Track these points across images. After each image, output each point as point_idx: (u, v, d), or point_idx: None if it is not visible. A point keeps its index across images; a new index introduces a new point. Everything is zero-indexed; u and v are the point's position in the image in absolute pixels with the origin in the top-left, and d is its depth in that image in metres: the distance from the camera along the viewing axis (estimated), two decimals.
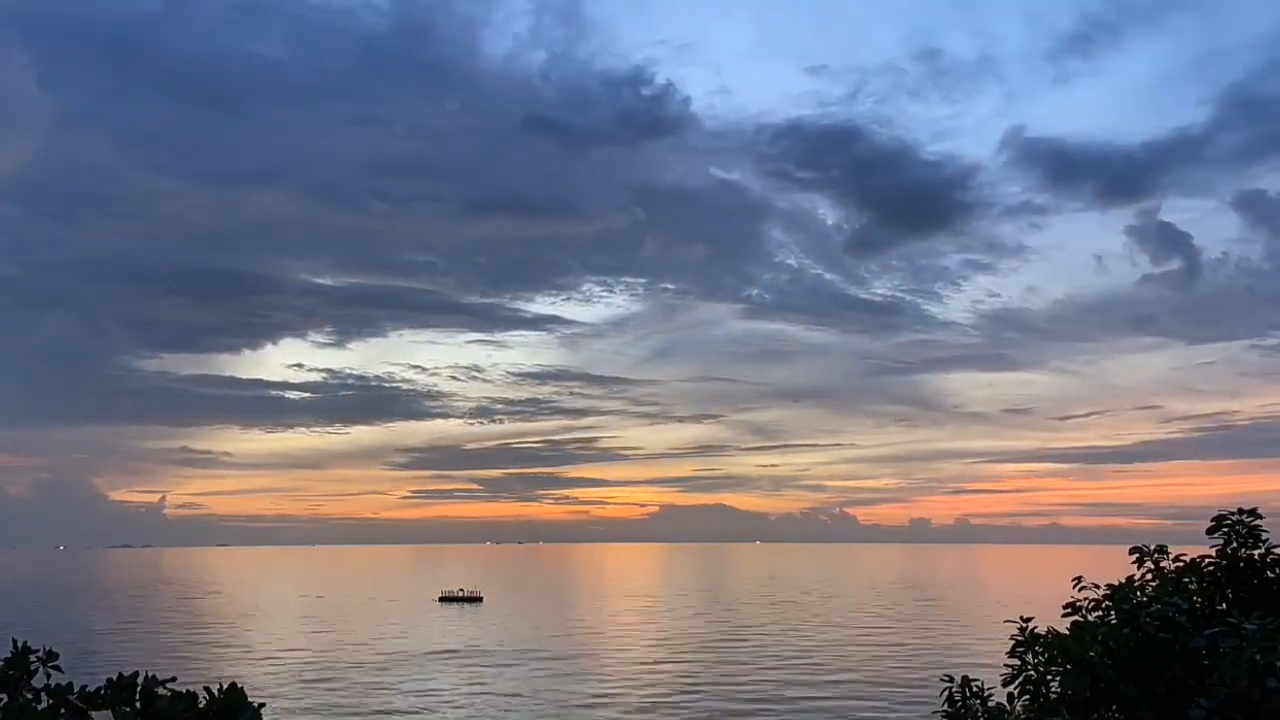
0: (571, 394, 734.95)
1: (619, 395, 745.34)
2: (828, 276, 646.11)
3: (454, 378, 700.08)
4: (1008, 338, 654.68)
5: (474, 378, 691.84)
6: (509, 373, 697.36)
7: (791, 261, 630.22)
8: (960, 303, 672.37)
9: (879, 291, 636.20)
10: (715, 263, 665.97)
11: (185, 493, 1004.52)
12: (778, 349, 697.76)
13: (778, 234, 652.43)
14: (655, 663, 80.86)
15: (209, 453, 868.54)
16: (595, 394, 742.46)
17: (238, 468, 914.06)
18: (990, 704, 9.86)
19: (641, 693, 65.81)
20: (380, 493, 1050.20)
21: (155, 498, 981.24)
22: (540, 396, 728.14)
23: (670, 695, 64.87)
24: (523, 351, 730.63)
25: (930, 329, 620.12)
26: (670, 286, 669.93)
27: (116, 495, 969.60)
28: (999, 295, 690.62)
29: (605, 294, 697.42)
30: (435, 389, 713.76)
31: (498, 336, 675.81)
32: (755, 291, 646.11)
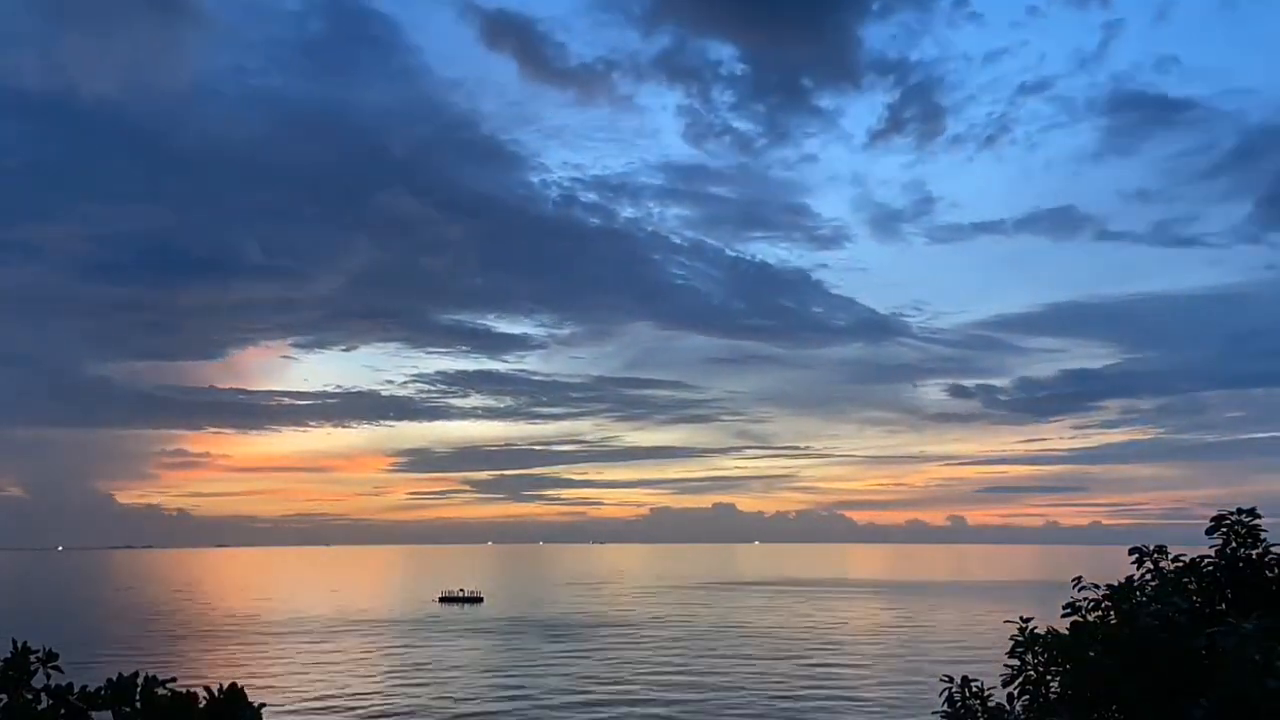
0: (558, 400, 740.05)
1: (605, 400, 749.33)
2: None
3: (431, 385, 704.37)
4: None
5: (456, 385, 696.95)
6: (491, 380, 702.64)
7: None
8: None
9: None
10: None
11: (184, 494, 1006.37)
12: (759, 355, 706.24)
13: None
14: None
15: (207, 454, 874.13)
16: (580, 399, 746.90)
17: (236, 470, 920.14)
18: (990, 704, 9.87)
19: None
20: (377, 494, 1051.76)
21: (154, 499, 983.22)
22: (526, 403, 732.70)
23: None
24: (499, 362, 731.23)
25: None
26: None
27: (116, 497, 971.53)
28: None
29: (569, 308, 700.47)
30: (422, 395, 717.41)
31: (470, 348, 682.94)
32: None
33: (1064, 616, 9.45)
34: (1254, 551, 9.71)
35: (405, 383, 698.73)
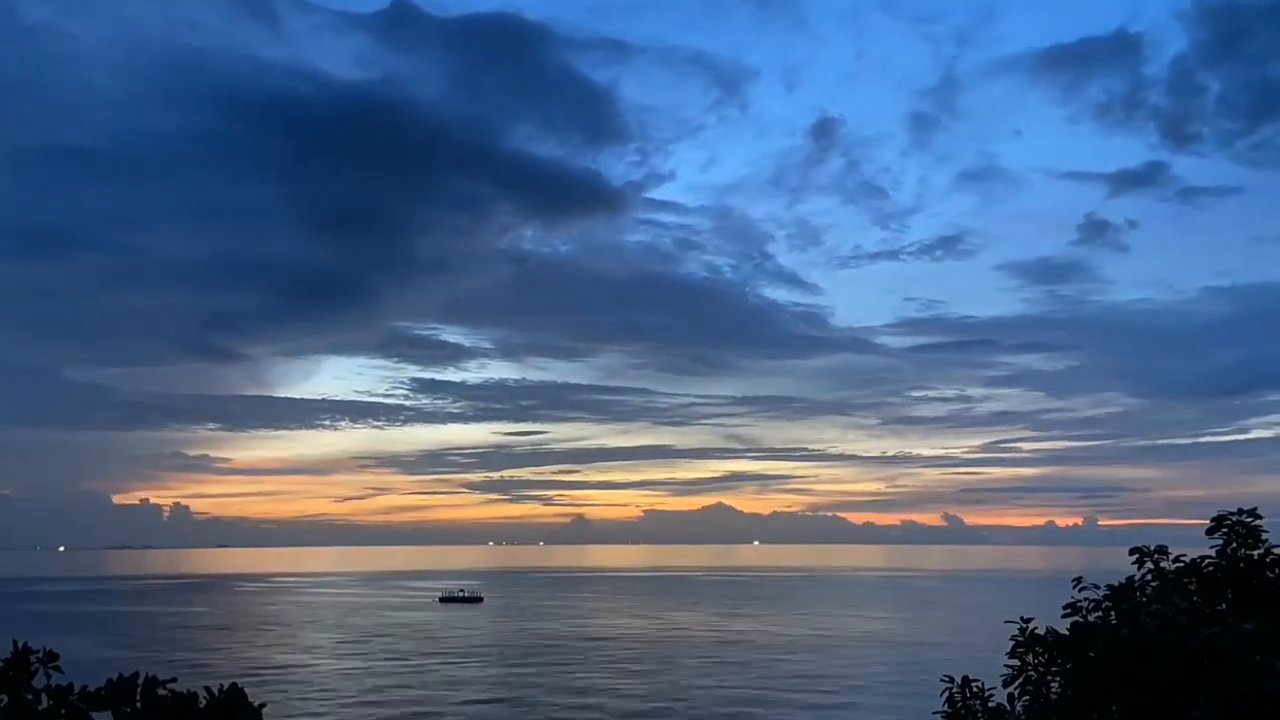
0: (553, 403, 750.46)
1: (598, 404, 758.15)
2: None
3: (414, 392, 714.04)
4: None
5: (439, 393, 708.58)
6: (473, 386, 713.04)
7: None
8: None
9: None
10: None
11: (184, 495, 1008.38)
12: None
13: None
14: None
15: (206, 457, 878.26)
16: (573, 403, 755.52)
17: (234, 473, 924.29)
18: (990, 704, 9.85)
19: None
20: (376, 496, 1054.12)
21: (154, 500, 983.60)
22: (518, 408, 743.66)
23: None
24: (469, 372, 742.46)
25: None
26: None
27: (115, 498, 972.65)
28: None
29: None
30: (411, 402, 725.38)
31: (441, 358, 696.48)
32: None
33: (1064, 617, 9.43)
34: (1255, 552, 9.69)
35: (390, 389, 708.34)
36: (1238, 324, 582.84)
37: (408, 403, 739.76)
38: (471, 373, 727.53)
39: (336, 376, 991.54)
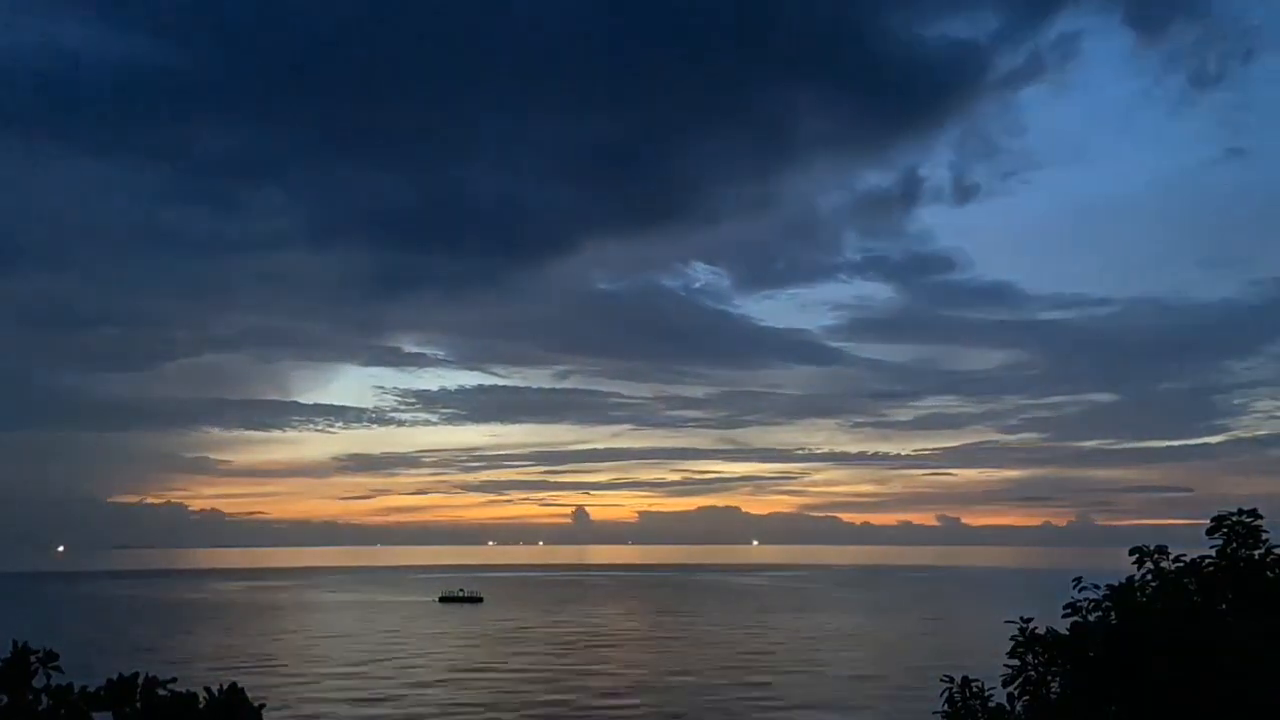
0: (542, 407, 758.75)
1: (596, 406, 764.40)
2: None
3: (403, 398, 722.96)
4: None
5: (427, 398, 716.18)
6: (464, 390, 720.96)
7: None
8: None
9: None
10: None
11: (181, 496, 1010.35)
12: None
13: None
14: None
15: (204, 458, 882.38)
16: (571, 404, 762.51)
17: (236, 474, 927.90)
18: (990, 704, 9.85)
19: None
20: (375, 497, 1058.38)
21: (151, 501, 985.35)
22: (515, 409, 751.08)
23: None
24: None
25: None
26: None
27: (113, 499, 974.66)
28: None
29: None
30: (406, 406, 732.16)
31: (422, 365, 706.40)
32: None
33: (1064, 616, 9.44)
34: (1255, 552, 9.70)
35: (382, 394, 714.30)
36: None
37: (403, 405, 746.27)
38: (448, 379, 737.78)
39: (325, 382, 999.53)
